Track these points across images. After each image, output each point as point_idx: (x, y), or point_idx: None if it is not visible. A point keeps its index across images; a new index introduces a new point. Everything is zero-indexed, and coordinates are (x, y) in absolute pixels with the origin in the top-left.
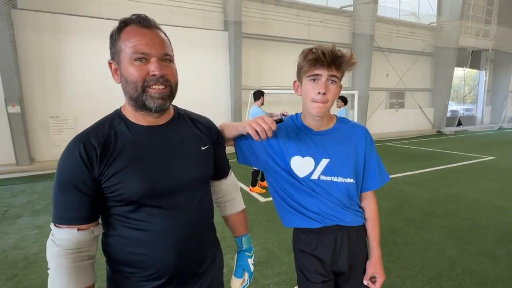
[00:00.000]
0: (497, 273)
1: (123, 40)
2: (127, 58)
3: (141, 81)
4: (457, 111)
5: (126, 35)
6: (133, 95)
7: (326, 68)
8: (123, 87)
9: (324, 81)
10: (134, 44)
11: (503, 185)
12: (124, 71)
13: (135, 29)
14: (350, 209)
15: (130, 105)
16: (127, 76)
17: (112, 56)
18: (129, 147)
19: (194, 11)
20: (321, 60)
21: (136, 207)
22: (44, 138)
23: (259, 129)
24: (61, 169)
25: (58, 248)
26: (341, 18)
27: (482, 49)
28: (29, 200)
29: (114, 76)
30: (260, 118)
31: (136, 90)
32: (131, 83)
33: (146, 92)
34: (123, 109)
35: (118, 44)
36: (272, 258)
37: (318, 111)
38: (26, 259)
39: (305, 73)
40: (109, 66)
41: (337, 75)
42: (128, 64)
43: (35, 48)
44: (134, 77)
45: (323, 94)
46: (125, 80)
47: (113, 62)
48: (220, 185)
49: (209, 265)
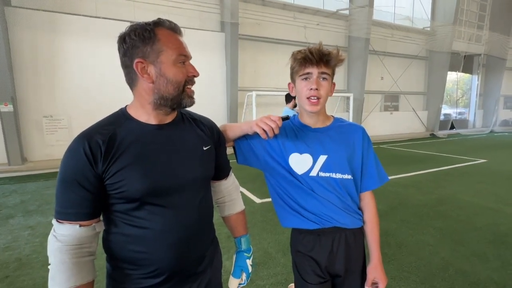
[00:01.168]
0: (489, 273)
1: (164, 42)
2: (171, 60)
3: (183, 81)
4: (450, 114)
5: (165, 38)
6: (173, 94)
7: (316, 66)
8: (158, 86)
9: (315, 78)
10: (177, 47)
11: (495, 187)
12: (167, 71)
13: (171, 33)
14: (349, 211)
15: (150, 104)
16: (171, 76)
17: (144, 55)
18: (133, 145)
19: (191, 11)
20: (309, 58)
21: (138, 205)
22: (37, 137)
23: (266, 128)
24: (65, 165)
25: (59, 244)
26: (337, 21)
27: (475, 54)
28: (21, 200)
29: (143, 76)
30: (266, 117)
31: (178, 89)
32: (174, 82)
33: (185, 91)
34: (129, 108)
35: (158, 44)
36: (268, 259)
37: (313, 107)
38: (18, 260)
39: (297, 73)
40: (135, 66)
41: (327, 71)
42: (172, 65)
43: (29, 46)
44: (179, 78)
45: (316, 90)
46: (167, 80)
47: (144, 62)
48: (220, 185)
49: (208, 264)
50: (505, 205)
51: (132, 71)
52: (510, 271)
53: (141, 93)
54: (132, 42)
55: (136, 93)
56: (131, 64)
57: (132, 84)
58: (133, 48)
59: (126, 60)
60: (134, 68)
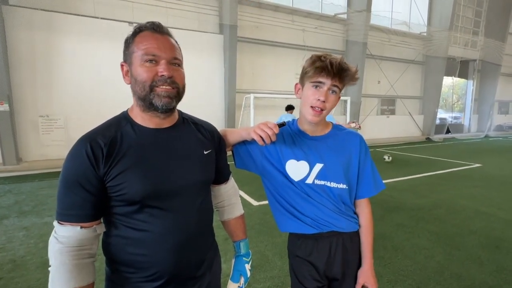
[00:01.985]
0: (484, 277)
1: (136, 43)
2: (138, 60)
3: (149, 81)
4: (446, 118)
5: (139, 39)
6: (141, 94)
7: (331, 78)
8: (132, 87)
9: (326, 89)
10: (146, 47)
11: (489, 191)
12: (134, 72)
13: (149, 34)
14: (345, 215)
15: (138, 106)
16: (136, 76)
17: (125, 59)
18: (134, 149)
19: (190, 13)
20: (327, 69)
21: (138, 208)
22: (33, 137)
23: (263, 135)
24: (67, 167)
25: (60, 245)
26: (335, 25)
27: (470, 59)
28: (16, 201)
29: (125, 77)
30: (263, 124)
31: (144, 89)
32: (140, 82)
33: (154, 91)
34: (130, 112)
35: (132, 47)
36: (265, 262)
37: (314, 118)
38: (12, 261)
39: (309, 78)
40: (121, 68)
41: (339, 86)
42: (139, 65)
43: (26, 45)
44: (143, 77)
45: (322, 102)
46: (135, 80)
47: (125, 64)
48: (220, 189)
49: (207, 268)
50: (500, 209)
51: None
52: (505, 275)
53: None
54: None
55: None
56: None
57: None
58: (123, 53)
59: None
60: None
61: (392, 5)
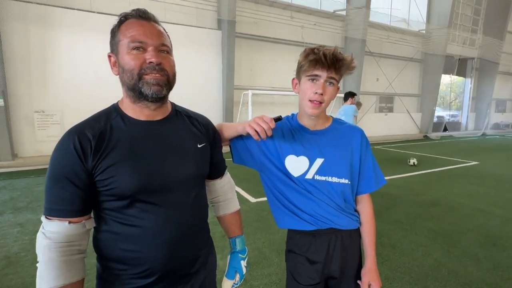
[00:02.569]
0: (481, 275)
1: (122, 31)
2: (125, 48)
3: (137, 69)
4: (443, 116)
5: (125, 27)
6: (129, 83)
7: (326, 70)
8: (120, 77)
9: (322, 82)
10: (132, 34)
11: (486, 189)
12: (121, 61)
13: (134, 21)
14: (345, 212)
15: (128, 97)
16: (123, 64)
17: (112, 49)
18: (124, 142)
19: (188, 8)
20: (321, 61)
21: (128, 203)
22: (28, 133)
23: (259, 129)
24: (55, 161)
25: (48, 241)
26: (334, 21)
27: (468, 57)
28: (11, 197)
29: (113, 68)
30: (259, 118)
31: (132, 78)
32: (127, 71)
33: (142, 79)
34: (120, 104)
35: (118, 35)
36: (262, 259)
37: (313, 111)
38: (6, 258)
39: (305, 72)
40: (108, 59)
41: (336, 77)
42: (125, 53)
43: (21, 39)
44: (131, 65)
45: (320, 95)
46: (122, 69)
47: (112, 55)
48: (215, 184)
49: (202, 265)
50: (496, 207)
51: None
52: (502, 272)
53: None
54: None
55: None
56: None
57: None
58: (110, 43)
59: None
60: None
61: (391, 2)
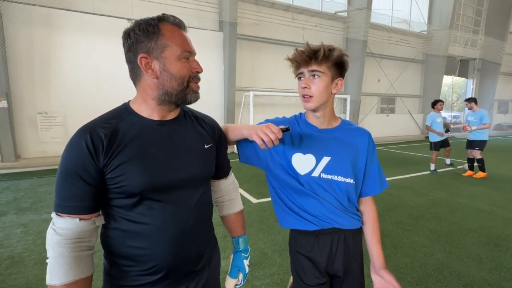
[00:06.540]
0: (483, 275)
1: (168, 37)
2: (175, 55)
3: (187, 77)
4: (445, 117)
5: (170, 33)
6: (177, 89)
7: (306, 65)
8: (162, 81)
9: (307, 77)
10: (181, 43)
11: (488, 190)
12: (170, 67)
13: (176, 29)
14: (348, 212)
15: (154, 99)
16: (175, 71)
17: (148, 51)
18: (135, 140)
19: (189, 10)
20: (299, 58)
21: (137, 201)
22: (31, 134)
23: (266, 139)
24: (66, 158)
25: (59, 237)
26: (335, 23)
27: (470, 58)
28: (14, 198)
29: (147, 71)
30: (266, 127)
31: (182, 84)
32: (178, 78)
33: (189, 87)
34: (132, 103)
35: (162, 40)
36: (264, 259)
37: (306, 105)
38: (10, 258)
39: (295, 74)
40: (139, 61)
41: (319, 69)
42: (176, 60)
43: (24, 41)
44: (183, 73)
45: (306, 88)
46: (170, 75)
47: (148, 57)
48: (220, 184)
49: (206, 263)
50: (499, 207)
51: (136, 66)
52: (504, 273)
53: (145, 89)
54: (137, 37)
55: (140, 88)
56: (135, 59)
57: (136, 80)
58: (137, 43)
59: (131, 55)
60: (138, 63)
61: (393, 3)
